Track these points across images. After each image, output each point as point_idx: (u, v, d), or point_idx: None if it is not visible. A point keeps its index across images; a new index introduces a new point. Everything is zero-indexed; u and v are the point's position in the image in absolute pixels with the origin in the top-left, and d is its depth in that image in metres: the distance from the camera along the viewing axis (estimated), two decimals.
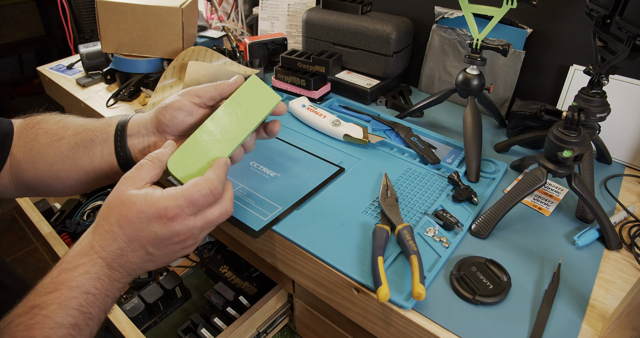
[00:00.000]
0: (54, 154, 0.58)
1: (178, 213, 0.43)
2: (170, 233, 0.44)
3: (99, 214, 0.45)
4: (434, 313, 0.50)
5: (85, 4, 1.68)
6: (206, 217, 0.46)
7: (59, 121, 0.59)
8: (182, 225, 0.44)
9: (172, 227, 0.44)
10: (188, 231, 0.45)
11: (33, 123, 0.59)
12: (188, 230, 0.45)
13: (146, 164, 0.47)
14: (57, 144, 0.58)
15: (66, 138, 0.58)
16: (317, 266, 0.56)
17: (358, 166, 0.71)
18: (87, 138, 0.58)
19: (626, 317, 0.43)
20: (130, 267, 0.45)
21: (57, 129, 0.58)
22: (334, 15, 0.93)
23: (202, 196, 0.44)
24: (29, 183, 0.60)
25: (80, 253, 0.44)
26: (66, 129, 0.58)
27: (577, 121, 0.54)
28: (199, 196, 0.44)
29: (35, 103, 0.76)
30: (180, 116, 0.55)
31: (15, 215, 2.00)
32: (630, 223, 0.64)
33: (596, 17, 0.59)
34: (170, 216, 0.43)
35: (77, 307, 0.41)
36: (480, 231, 0.59)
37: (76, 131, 0.58)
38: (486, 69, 0.86)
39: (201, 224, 0.45)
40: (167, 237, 0.44)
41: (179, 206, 0.43)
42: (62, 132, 0.58)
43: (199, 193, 0.44)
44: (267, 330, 0.78)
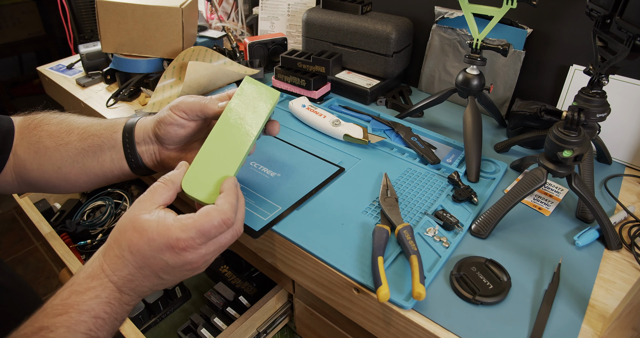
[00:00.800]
0: (61, 158, 0.58)
1: (190, 244, 0.43)
2: (182, 262, 0.44)
3: (110, 236, 0.45)
4: (434, 313, 0.50)
5: (85, 4, 1.68)
6: (218, 242, 0.46)
7: (60, 121, 0.59)
8: (194, 255, 0.44)
9: (183, 257, 0.43)
10: (201, 259, 0.45)
11: (34, 124, 0.59)
12: (200, 258, 0.45)
13: (159, 187, 0.47)
14: (64, 148, 0.58)
15: (72, 143, 0.58)
16: (317, 266, 0.56)
17: (358, 166, 0.71)
18: (94, 144, 0.58)
19: (626, 317, 0.43)
20: (141, 291, 0.45)
21: (59, 132, 0.58)
22: (334, 15, 0.93)
23: (213, 227, 0.44)
24: (35, 183, 0.60)
25: (91, 276, 0.43)
26: (69, 132, 0.58)
27: (577, 121, 0.54)
28: (210, 227, 0.44)
29: (36, 103, 0.76)
30: (172, 130, 0.56)
31: (15, 215, 2.00)
32: (630, 223, 0.64)
33: (596, 17, 0.59)
34: (181, 247, 0.43)
35: (85, 331, 0.40)
36: (480, 231, 0.59)
37: (81, 136, 0.58)
38: (486, 69, 0.86)
39: (213, 249, 0.45)
40: (179, 265, 0.44)
41: (191, 238, 0.43)
42: (65, 136, 0.58)
43: (210, 224, 0.44)
44: (267, 330, 0.78)
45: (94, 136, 0.58)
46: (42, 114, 0.61)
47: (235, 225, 0.47)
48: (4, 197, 2.04)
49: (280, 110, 0.87)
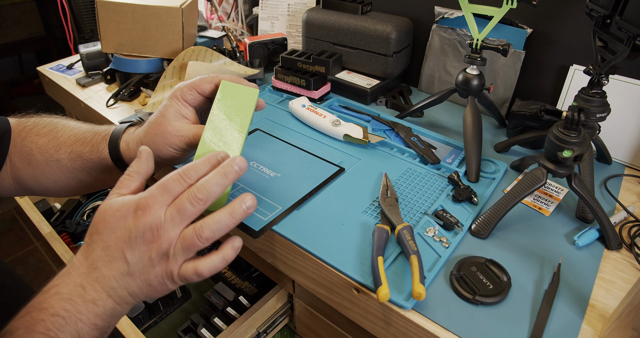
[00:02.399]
0: (55, 174, 0.58)
1: (151, 202, 0.41)
2: (142, 227, 0.41)
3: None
4: (434, 313, 0.50)
5: (85, 4, 1.68)
6: (177, 205, 0.41)
7: (49, 132, 0.59)
8: (153, 216, 0.41)
9: (144, 219, 0.41)
10: (160, 224, 0.41)
11: (25, 132, 0.59)
12: (159, 222, 0.41)
13: (125, 180, 0.46)
14: (55, 164, 0.58)
15: (62, 161, 0.57)
16: (317, 266, 0.56)
17: (358, 166, 0.71)
18: (84, 166, 0.58)
19: (626, 317, 0.43)
20: (106, 283, 0.41)
21: (48, 147, 0.58)
22: (334, 15, 0.93)
23: (172, 180, 0.42)
24: (33, 190, 0.61)
25: (61, 274, 0.41)
26: (57, 149, 0.58)
27: (577, 121, 0.54)
28: (169, 180, 0.42)
29: (36, 103, 0.76)
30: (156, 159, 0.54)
31: (15, 215, 2.00)
32: (630, 223, 0.64)
33: (596, 17, 0.59)
34: (143, 207, 0.41)
35: (43, 330, 0.37)
36: (480, 231, 0.59)
37: (69, 155, 0.58)
38: (486, 69, 0.86)
39: (172, 215, 0.41)
40: (141, 233, 0.41)
41: (152, 195, 0.41)
42: (55, 153, 0.57)
43: (169, 177, 0.42)
44: (267, 330, 0.78)
45: (83, 159, 0.58)
46: (33, 119, 0.61)
47: (197, 187, 0.42)
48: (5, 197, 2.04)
49: (280, 110, 0.87)
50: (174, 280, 0.43)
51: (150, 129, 0.54)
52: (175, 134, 0.53)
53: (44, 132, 0.59)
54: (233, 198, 0.45)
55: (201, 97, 0.55)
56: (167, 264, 0.42)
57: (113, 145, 0.56)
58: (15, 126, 0.59)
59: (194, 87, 0.54)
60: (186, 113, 0.55)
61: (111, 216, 0.42)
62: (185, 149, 0.54)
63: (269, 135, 0.78)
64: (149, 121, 0.56)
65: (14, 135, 0.58)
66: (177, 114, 0.54)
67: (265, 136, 0.78)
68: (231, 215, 0.43)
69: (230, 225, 0.43)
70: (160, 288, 0.43)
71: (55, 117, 0.62)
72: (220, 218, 0.43)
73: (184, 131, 0.53)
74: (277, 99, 0.92)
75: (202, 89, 0.55)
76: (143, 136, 0.55)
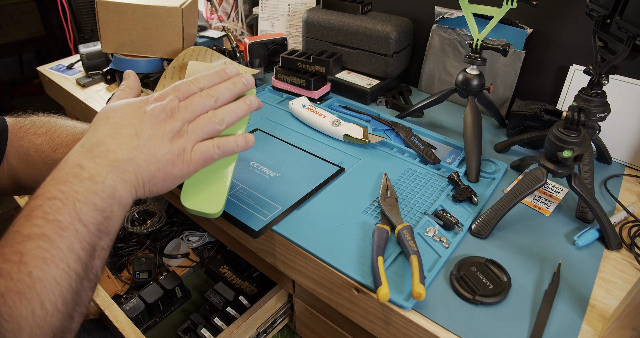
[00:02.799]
0: None
1: (165, 94, 0.45)
2: (158, 108, 0.43)
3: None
4: (434, 313, 0.50)
5: (85, 4, 1.68)
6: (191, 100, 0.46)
7: (45, 132, 0.58)
8: (168, 101, 0.44)
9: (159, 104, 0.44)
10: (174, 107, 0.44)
11: (22, 132, 0.58)
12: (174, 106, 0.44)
13: (120, 94, 0.48)
14: (53, 165, 0.56)
15: (59, 161, 0.57)
16: (317, 266, 0.56)
17: (358, 166, 0.71)
18: None
19: (626, 317, 0.43)
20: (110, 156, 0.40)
21: (45, 147, 0.57)
22: (334, 15, 0.93)
23: (184, 83, 0.46)
24: (32, 190, 0.60)
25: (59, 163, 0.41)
26: (54, 149, 0.57)
27: (577, 121, 0.54)
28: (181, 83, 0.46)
29: (36, 103, 0.76)
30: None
31: (15, 215, 2.00)
32: (630, 223, 0.64)
33: (596, 17, 0.59)
34: (157, 97, 0.45)
35: (41, 215, 0.36)
36: (480, 231, 0.59)
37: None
38: (486, 69, 0.86)
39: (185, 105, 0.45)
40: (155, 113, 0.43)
41: (165, 91, 0.45)
42: (52, 153, 0.57)
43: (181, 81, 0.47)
44: (267, 330, 0.78)
45: None
46: (30, 118, 0.60)
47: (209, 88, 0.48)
48: (4, 197, 2.03)
49: (280, 110, 0.87)
50: (185, 157, 0.44)
51: None
52: None
53: (40, 132, 0.58)
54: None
55: None
56: (180, 140, 0.44)
57: None
58: (12, 125, 0.59)
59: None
60: None
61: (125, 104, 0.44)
62: None
63: (269, 135, 0.78)
64: None
65: (11, 135, 0.58)
66: None
67: (265, 136, 0.78)
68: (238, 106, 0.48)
69: (238, 114, 0.48)
70: (167, 168, 0.43)
71: (52, 116, 0.62)
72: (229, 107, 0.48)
73: None
74: (277, 99, 0.92)
75: None
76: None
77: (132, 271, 0.93)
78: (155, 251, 1.00)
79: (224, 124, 0.47)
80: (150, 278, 0.92)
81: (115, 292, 0.91)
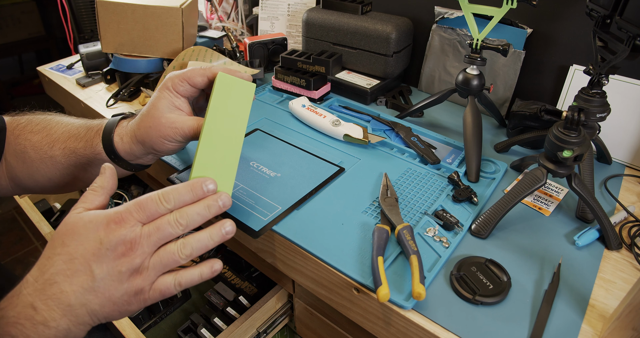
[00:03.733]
0: (50, 171, 0.58)
1: (126, 216, 0.39)
2: (116, 239, 0.39)
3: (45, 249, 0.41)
4: (434, 313, 0.49)
5: (85, 4, 1.68)
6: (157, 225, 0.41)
7: (41, 129, 0.58)
8: (128, 230, 0.39)
9: (118, 232, 0.39)
10: (135, 238, 0.39)
11: (18, 130, 0.58)
12: (135, 236, 0.39)
13: (89, 194, 0.44)
14: (50, 161, 0.57)
15: (56, 158, 0.57)
16: (317, 266, 0.56)
17: (358, 166, 0.71)
18: (79, 162, 0.57)
19: (626, 317, 0.43)
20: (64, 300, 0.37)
21: (41, 144, 0.57)
22: (334, 15, 0.93)
23: (149, 199, 0.41)
24: (29, 189, 0.61)
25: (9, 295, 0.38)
26: (51, 146, 0.57)
27: (577, 121, 0.54)
28: (146, 198, 0.41)
29: (36, 103, 0.76)
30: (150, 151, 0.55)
31: (15, 215, 2.00)
32: (630, 223, 0.64)
33: (596, 17, 0.59)
34: (117, 220, 0.39)
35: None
36: (480, 231, 0.59)
37: (63, 152, 0.57)
38: (486, 69, 0.86)
39: (149, 231, 0.40)
40: (113, 246, 0.39)
41: (128, 210, 0.40)
42: (48, 150, 0.57)
43: (147, 197, 0.41)
44: (267, 330, 0.78)
45: (77, 154, 0.57)
46: (27, 116, 0.60)
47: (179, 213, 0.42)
48: (4, 197, 2.04)
49: (280, 110, 0.87)
50: (143, 296, 0.41)
51: (143, 122, 0.54)
52: (170, 127, 0.53)
53: (37, 129, 0.58)
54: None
55: (193, 89, 0.55)
56: (137, 280, 0.40)
57: (107, 140, 0.56)
58: (9, 124, 0.58)
59: (186, 79, 0.54)
60: (179, 104, 0.54)
61: (82, 227, 0.39)
62: (180, 141, 0.54)
63: (269, 135, 0.78)
64: (141, 113, 0.55)
65: (8, 133, 0.58)
66: (171, 106, 0.54)
67: (265, 136, 0.78)
68: (210, 237, 0.43)
69: (209, 246, 0.43)
70: (123, 308, 0.41)
71: (49, 114, 0.61)
72: (200, 237, 0.43)
73: (179, 124, 0.53)
74: (277, 99, 0.92)
75: (194, 82, 0.54)
76: (136, 129, 0.54)
77: None
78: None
79: (189, 259, 0.42)
80: None
81: None
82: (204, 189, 0.44)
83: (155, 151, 0.55)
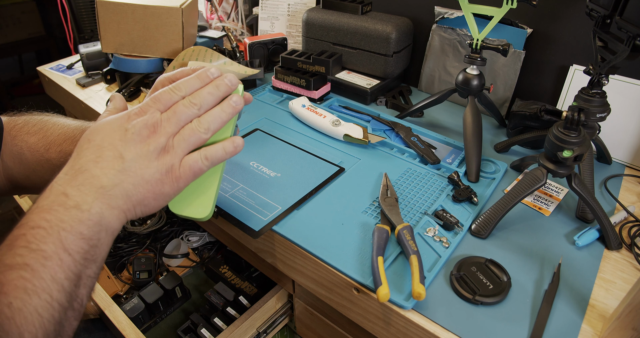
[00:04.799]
0: (46, 173, 0.57)
1: (145, 108, 0.43)
2: (139, 124, 0.41)
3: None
4: (434, 313, 0.50)
5: (85, 4, 1.68)
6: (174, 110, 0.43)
7: (38, 131, 0.58)
8: (149, 116, 0.42)
9: (140, 119, 0.42)
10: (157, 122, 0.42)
11: (15, 131, 0.58)
12: (156, 120, 0.42)
13: (105, 114, 0.47)
14: (47, 164, 0.57)
15: (52, 161, 0.57)
16: (317, 266, 0.56)
17: (358, 166, 0.71)
18: None
19: (626, 317, 0.43)
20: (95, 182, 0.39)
21: (38, 146, 0.57)
22: (334, 15, 0.93)
23: (164, 92, 0.44)
24: (27, 189, 0.60)
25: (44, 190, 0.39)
26: (47, 149, 0.57)
27: (577, 121, 0.54)
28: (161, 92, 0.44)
29: (36, 103, 0.76)
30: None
31: (15, 215, 2.00)
32: (630, 223, 0.64)
33: (596, 17, 0.59)
34: (137, 111, 0.43)
35: (24, 244, 0.35)
36: (480, 231, 0.59)
37: (59, 155, 0.57)
38: (486, 69, 0.86)
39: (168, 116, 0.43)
40: (137, 130, 0.41)
41: (146, 103, 0.43)
42: (45, 152, 0.57)
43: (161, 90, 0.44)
44: (267, 330, 0.78)
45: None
46: (24, 117, 0.60)
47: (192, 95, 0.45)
48: (4, 197, 2.04)
49: (280, 110, 0.87)
50: (174, 174, 0.43)
51: None
52: None
53: (34, 130, 0.58)
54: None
55: None
56: (166, 157, 0.42)
57: None
58: (6, 124, 0.58)
59: (174, 81, 0.54)
60: None
61: (106, 124, 0.42)
62: None
63: (269, 135, 0.78)
64: None
65: (4, 134, 0.57)
66: None
67: (265, 136, 0.78)
68: (222, 110, 0.46)
69: (223, 118, 0.46)
70: (157, 188, 0.42)
71: (46, 115, 0.61)
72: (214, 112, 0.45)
73: None
74: (277, 99, 0.92)
75: None
76: None
77: (132, 271, 0.93)
78: (155, 251, 1.00)
79: (209, 133, 0.45)
80: (150, 278, 0.92)
81: (115, 292, 0.91)
82: (209, 75, 0.47)
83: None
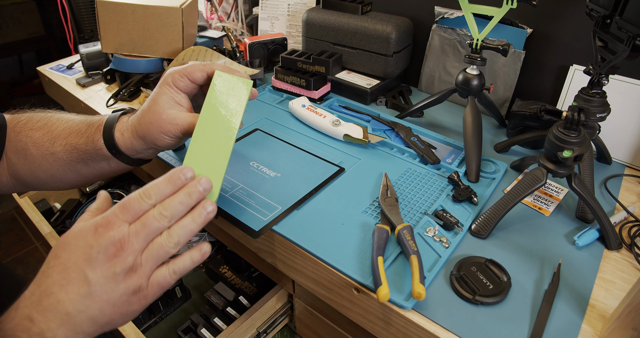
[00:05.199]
0: (52, 167, 0.58)
1: (112, 219, 0.40)
2: (105, 241, 0.39)
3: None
4: (434, 313, 0.50)
5: (85, 4, 1.68)
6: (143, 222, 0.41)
7: (42, 126, 0.58)
8: (116, 231, 0.39)
9: (106, 234, 0.39)
10: (124, 238, 0.39)
11: (19, 127, 0.58)
12: (123, 236, 0.39)
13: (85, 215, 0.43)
14: (51, 158, 0.57)
15: (58, 154, 0.57)
16: (317, 266, 0.56)
17: (358, 166, 0.71)
18: (81, 157, 0.57)
19: (626, 317, 0.43)
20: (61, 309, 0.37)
21: (43, 140, 0.57)
22: (334, 15, 0.93)
23: (132, 199, 0.41)
24: (31, 185, 0.61)
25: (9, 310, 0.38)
26: (52, 142, 0.57)
27: (577, 121, 0.54)
28: (129, 199, 0.41)
29: (36, 103, 0.76)
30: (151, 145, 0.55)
31: (15, 215, 2.00)
32: (630, 223, 0.64)
33: (596, 17, 0.59)
34: (104, 224, 0.40)
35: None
36: (480, 231, 0.59)
37: (64, 148, 0.57)
38: (486, 69, 0.86)
39: (137, 230, 0.40)
40: (103, 248, 0.39)
41: (113, 213, 0.40)
42: (50, 146, 0.57)
43: (129, 197, 0.41)
44: (267, 330, 0.78)
45: (79, 150, 0.57)
46: (27, 114, 0.60)
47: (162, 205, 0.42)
48: (4, 197, 2.04)
49: (280, 110, 0.87)
50: (142, 294, 0.41)
51: (144, 118, 0.54)
52: (170, 123, 0.53)
53: (38, 126, 0.58)
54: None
55: (193, 85, 0.55)
56: (133, 278, 0.40)
57: (107, 135, 0.56)
58: (10, 121, 0.59)
59: (186, 74, 0.54)
60: (180, 100, 0.54)
61: (72, 238, 0.40)
62: (180, 136, 0.54)
63: (269, 135, 0.78)
64: (142, 108, 0.55)
65: (8, 130, 0.58)
66: (171, 101, 0.54)
67: (265, 136, 0.78)
68: (193, 220, 0.43)
69: (194, 229, 0.43)
70: (124, 309, 0.40)
71: (49, 111, 0.62)
72: (184, 224, 0.42)
73: (179, 120, 0.53)
74: (277, 99, 0.92)
75: (194, 77, 0.54)
76: (137, 125, 0.55)
77: None
78: None
79: (179, 246, 0.42)
80: None
81: None
82: (182, 178, 0.43)
83: (156, 146, 0.55)
